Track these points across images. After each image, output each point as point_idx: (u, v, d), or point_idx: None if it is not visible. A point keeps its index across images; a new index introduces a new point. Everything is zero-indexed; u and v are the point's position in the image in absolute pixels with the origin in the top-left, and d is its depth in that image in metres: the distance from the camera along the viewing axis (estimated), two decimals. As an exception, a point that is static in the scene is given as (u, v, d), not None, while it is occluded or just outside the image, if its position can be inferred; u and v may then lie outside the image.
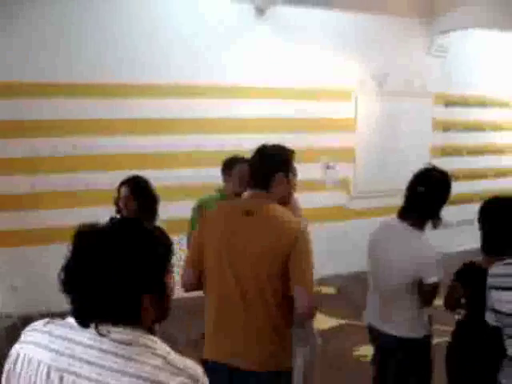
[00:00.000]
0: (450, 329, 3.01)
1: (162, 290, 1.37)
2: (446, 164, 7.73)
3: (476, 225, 2.87)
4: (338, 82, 6.81)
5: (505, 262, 2.40)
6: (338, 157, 6.87)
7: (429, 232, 2.99)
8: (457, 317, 3.01)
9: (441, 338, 3.26)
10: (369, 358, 3.43)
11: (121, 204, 3.50)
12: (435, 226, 2.91)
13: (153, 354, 1.27)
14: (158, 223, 3.68)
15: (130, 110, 5.73)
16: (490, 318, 2.47)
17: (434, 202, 2.87)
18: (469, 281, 2.83)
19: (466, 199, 6.90)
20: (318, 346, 3.87)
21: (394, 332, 2.92)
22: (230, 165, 3.97)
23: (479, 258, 2.87)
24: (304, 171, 5.86)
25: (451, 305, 2.97)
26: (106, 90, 5.62)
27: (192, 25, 5.96)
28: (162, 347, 1.31)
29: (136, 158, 5.68)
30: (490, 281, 2.37)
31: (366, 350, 4.12)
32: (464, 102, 7.97)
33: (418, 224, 2.88)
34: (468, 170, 8.07)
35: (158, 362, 1.25)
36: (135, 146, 5.74)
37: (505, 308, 2.30)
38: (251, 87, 6.28)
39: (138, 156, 5.73)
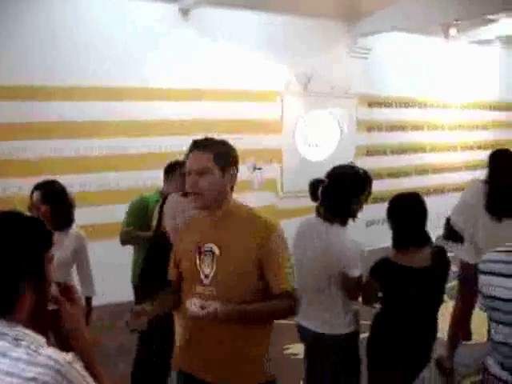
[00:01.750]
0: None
1: (40, 277, 1.39)
2: (370, 163, 8.03)
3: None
4: (263, 83, 6.85)
5: (496, 249, 2.48)
6: (265, 157, 6.91)
7: (358, 229, 3.04)
8: (374, 311, 3.10)
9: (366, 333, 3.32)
10: (300, 356, 3.46)
11: (33, 209, 3.39)
12: (353, 220, 2.97)
13: (17, 345, 1.25)
14: (78, 228, 3.62)
15: (52, 113, 5.54)
16: (479, 303, 2.52)
17: (346, 198, 2.90)
18: (383, 275, 2.92)
19: (390, 197, 7.04)
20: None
21: (321, 329, 2.95)
22: (173, 168, 4.02)
23: (392, 253, 2.97)
24: (232, 173, 5.93)
25: (369, 299, 3.05)
26: (26, 93, 5.41)
27: (116, 26, 5.84)
28: (30, 339, 1.29)
29: (56, 162, 5.51)
30: (479, 266, 2.41)
31: (297, 348, 4.15)
32: (387, 103, 8.21)
33: (337, 220, 2.91)
34: (392, 168, 8.34)
35: (20, 353, 1.24)
36: (54, 149, 5.56)
37: (485, 290, 2.35)
38: (176, 89, 6.21)
39: (58, 160, 5.56)
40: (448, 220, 4.42)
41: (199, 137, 2.37)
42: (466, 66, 9.19)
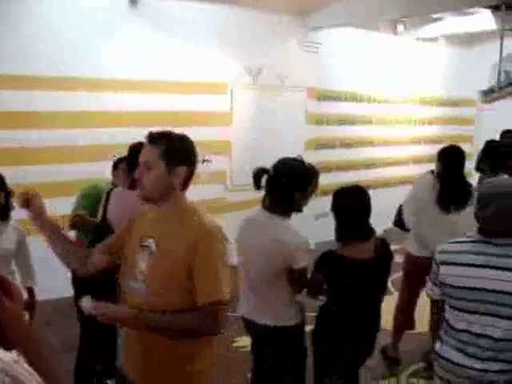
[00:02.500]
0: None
1: None
2: (319, 156, 8.11)
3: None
4: (213, 75, 6.79)
5: (451, 240, 2.54)
6: (215, 150, 6.89)
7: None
8: (319, 303, 3.13)
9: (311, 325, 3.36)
10: (248, 349, 3.47)
11: None
12: (297, 212, 2.98)
13: None
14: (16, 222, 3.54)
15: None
16: (430, 290, 2.63)
17: (290, 191, 2.91)
18: (327, 267, 2.95)
19: (339, 190, 7.16)
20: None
21: (268, 322, 2.96)
22: (119, 162, 3.99)
23: (337, 246, 3.01)
24: (181, 165, 5.87)
25: (313, 292, 3.08)
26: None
27: (64, 15, 5.66)
28: None
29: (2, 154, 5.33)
30: (439, 256, 2.50)
31: (245, 341, 4.17)
32: (336, 97, 8.29)
33: (282, 212, 2.92)
34: (340, 161, 8.44)
35: None
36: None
37: (450, 280, 2.44)
38: (125, 80, 6.08)
39: (4, 151, 5.37)
40: (400, 207, 4.52)
41: (152, 129, 2.30)
42: (413, 62, 9.37)
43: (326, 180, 7.74)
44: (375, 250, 2.97)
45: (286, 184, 2.89)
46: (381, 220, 4.62)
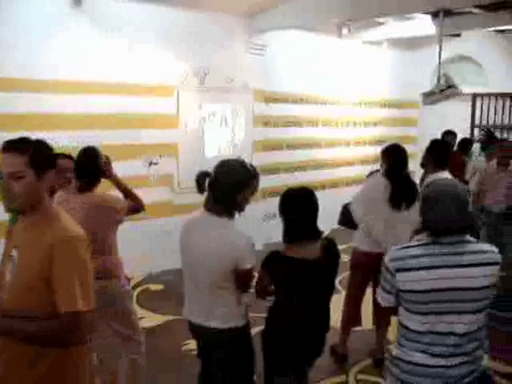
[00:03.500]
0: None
1: None
2: (267, 158, 8.15)
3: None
4: (159, 77, 6.73)
5: (399, 246, 2.55)
6: (161, 152, 6.83)
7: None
8: (267, 304, 3.14)
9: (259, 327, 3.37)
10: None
11: None
12: (240, 214, 2.99)
13: None
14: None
15: None
16: (384, 299, 2.61)
17: (236, 191, 2.92)
18: (275, 268, 2.96)
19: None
20: (142, 342, 3.83)
21: (218, 324, 2.94)
22: None
23: (284, 246, 3.03)
24: (127, 168, 5.76)
25: (261, 293, 3.09)
26: None
27: (4, 15, 5.50)
28: None
29: None
30: (394, 264, 2.49)
31: (195, 345, 4.14)
32: (283, 99, 8.35)
33: (225, 213, 2.91)
34: (288, 163, 8.51)
35: None
36: None
37: (409, 286, 2.44)
38: (68, 81, 5.95)
39: None
40: (345, 206, 4.60)
41: (95, 132, 2.26)
42: (358, 65, 9.56)
43: (273, 182, 7.88)
44: (322, 250, 3.00)
45: (227, 186, 2.89)
46: (329, 220, 4.69)
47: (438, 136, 6.81)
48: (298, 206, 2.99)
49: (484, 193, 6.21)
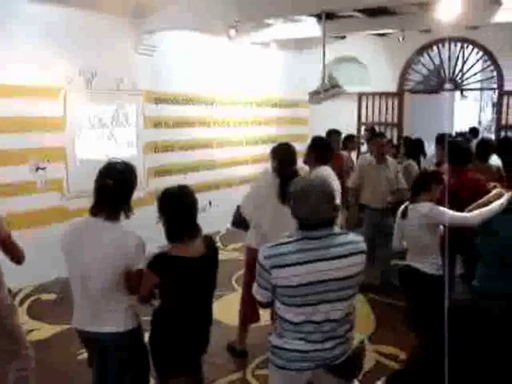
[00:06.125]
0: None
1: None
2: (159, 159, 8.08)
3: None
4: (44, 79, 6.47)
5: (270, 244, 2.61)
6: (49, 157, 6.58)
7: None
8: (153, 307, 3.11)
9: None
10: (94, 361, 3.36)
11: None
12: (127, 216, 2.97)
13: None
14: None
15: None
16: (261, 295, 2.69)
17: (123, 193, 2.92)
18: (161, 269, 2.94)
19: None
20: (30, 357, 3.67)
21: (109, 329, 2.91)
22: None
23: (168, 246, 3.02)
24: (12, 174, 5.54)
25: (146, 296, 3.04)
26: None
27: None
28: None
29: None
30: (269, 262, 2.54)
31: (90, 353, 4.04)
32: (174, 100, 8.32)
33: (112, 216, 2.90)
34: (180, 164, 8.48)
35: None
36: None
37: (285, 282, 2.50)
38: None
39: None
40: (238, 208, 4.67)
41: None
42: (249, 66, 9.72)
43: (166, 183, 7.75)
44: (205, 247, 3.04)
45: (115, 188, 2.85)
46: (224, 219, 4.75)
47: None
48: (176, 204, 2.99)
49: (363, 189, 6.44)
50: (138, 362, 3.02)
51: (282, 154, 4.51)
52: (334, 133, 7.56)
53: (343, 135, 8.03)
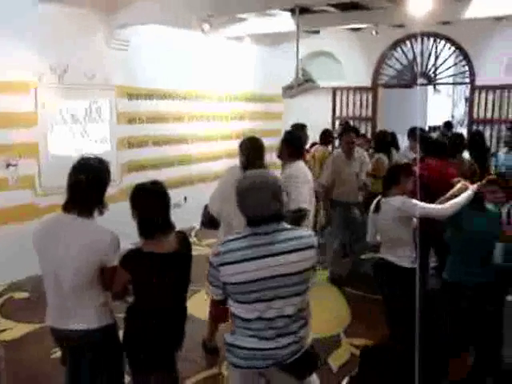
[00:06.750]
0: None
1: None
2: (132, 155, 8.03)
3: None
4: (14, 74, 6.37)
5: (220, 241, 2.62)
6: (20, 153, 6.48)
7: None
8: (126, 304, 3.10)
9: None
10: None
11: None
12: (101, 212, 2.95)
13: None
14: None
15: None
16: (214, 293, 2.66)
17: (96, 189, 2.89)
18: (133, 265, 2.93)
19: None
20: (1, 358, 3.63)
21: (83, 326, 2.89)
22: None
23: (141, 242, 3.00)
24: (-20, 171, 5.43)
25: (120, 293, 3.03)
26: None
27: None
28: None
29: None
30: (217, 259, 2.53)
31: (64, 351, 4.00)
32: (147, 95, 8.26)
33: (85, 212, 2.87)
34: (154, 159, 8.43)
35: None
36: None
37: (233, 279, 2.49)
38: None
39: None
40: (205, 207, 4.63)
41: None
42: (224, 60, 9.69)
43: (140, 179, 7.71)
44: (178, 243, 3.02)
45: (88, 184, 2.83)
46: (199, 214, 4.73)
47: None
48: (148, 199, 2.98)
49: (335, 185, 6.43)
50: (112, 359, 3.00)
51: (249, 149, 4.48)
52: (300, 127, 7.59)
53: (320, 130, 8.05)
